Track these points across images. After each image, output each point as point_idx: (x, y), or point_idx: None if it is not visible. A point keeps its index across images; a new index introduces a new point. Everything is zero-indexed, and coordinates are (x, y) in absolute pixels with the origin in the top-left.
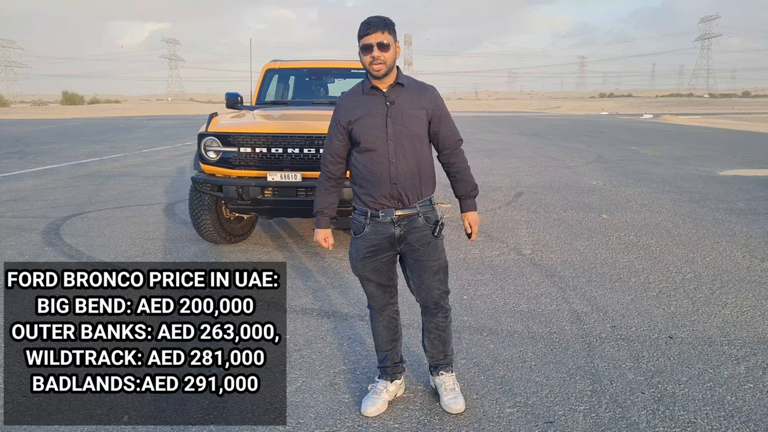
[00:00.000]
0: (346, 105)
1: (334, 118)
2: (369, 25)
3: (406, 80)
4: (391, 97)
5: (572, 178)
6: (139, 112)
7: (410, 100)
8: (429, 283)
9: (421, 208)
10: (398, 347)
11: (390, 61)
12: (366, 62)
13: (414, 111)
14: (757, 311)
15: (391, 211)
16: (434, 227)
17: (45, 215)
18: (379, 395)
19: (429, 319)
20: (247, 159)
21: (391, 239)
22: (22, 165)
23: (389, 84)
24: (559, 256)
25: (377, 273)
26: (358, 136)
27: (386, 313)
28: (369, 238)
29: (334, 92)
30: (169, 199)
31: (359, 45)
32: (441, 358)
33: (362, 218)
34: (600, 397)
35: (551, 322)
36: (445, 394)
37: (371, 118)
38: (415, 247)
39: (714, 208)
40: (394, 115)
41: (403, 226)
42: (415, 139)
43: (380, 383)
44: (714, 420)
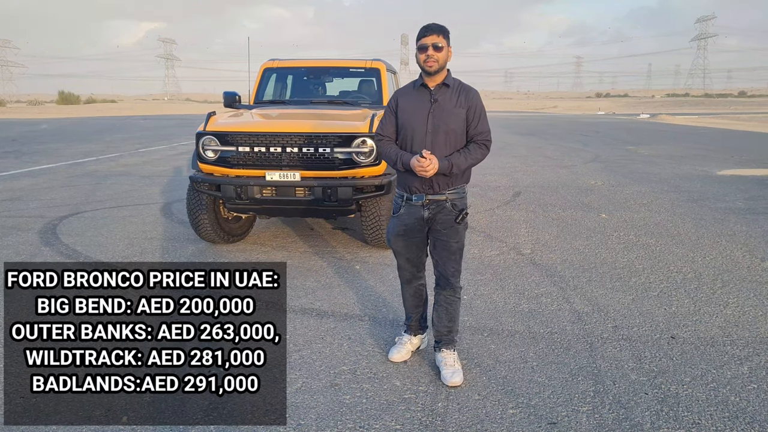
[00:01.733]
0: (400, 95)
1: (388, 106)
2: (427, 29)
3: (452, 82)
4: (436, 96)
5: (570, 177)
6: (136, 111)
7: (453, 99)
8: (445, 260)
9: (450, 194)
10: (422, 312)
11: (442, 61)
12: (421, 60)
13: (454, 109)
14: (759, 311)
15: (422, 195)
16: (458, 214)
17: (41, 215)
18: (404, 345)
19: (439, 291)
20: (245, 158)
21: (420, 221)
22: (17, 165)
23: (437, 83)
24: (558, 255)
25: (407, 249)
26: (403, 124)
27: (413, 284)
28: (403, 218)
29: (332, 91)
30: (166, 199)
31: (416, 45)
32: (445, 333)
33: (399, 200)
34: (603, 398)
35: (552, 322)
36: (445, 369)
37: (416, 111)
38: (438, 229)
39: (713, 207)
40: (436, 111)
41: (432, 209)
42: (451, 134)
43: (405, 336)
44: (718, 421)
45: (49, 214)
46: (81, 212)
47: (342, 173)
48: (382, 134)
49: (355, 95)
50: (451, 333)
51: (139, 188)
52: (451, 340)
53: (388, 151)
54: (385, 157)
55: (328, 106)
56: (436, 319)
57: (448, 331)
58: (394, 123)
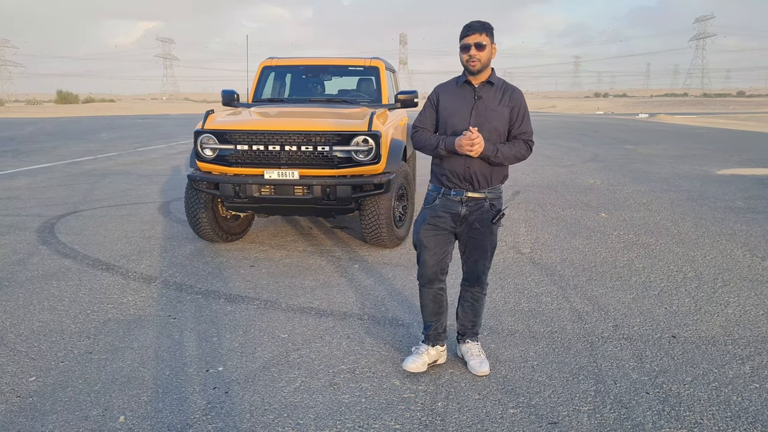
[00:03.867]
0: (441, 90)
1: (428, 101)
2: (470, 27)
3: (496, 80)
4: (480, 93)
5: (569, 176)
6: (134, 111)
7: (496, 98)
8: (477, 259)
9: (489, 193)
10: (443, 320)
11: (485, 60)
12: (464, 59)
13: (498, 107)
14: (760, 310)
15: (462, 191)
16: (495, 214)
17: (39, 214)
18: (420, 355)
19: (467, 287)
20: (243, 156)
21: (455, 216)
22: (15, 163)
23: (481, 81)
24: (558, 254)
25: (435, 242)
26: (444, 120)
27: (434, 287)
28: (436, 208)
29: (331, 90)
30: (164, 198)
31: (460, 44)
32: (470, 327)
33: (434, 194)
34: (604, 398)
35: (552, 321)
36: (472, 359)
37: (458, 108)
38: (475, 227)
39: (713, 206)
40: (479, 108)
41: (470, 206)
42: (494, 132)
43: (422, 346)
44: (720, 420)
45: (46, 212)
46: (79, 211)
47: (341, 172)
48: (420, 126)
49: (354, 94)
50: (476, 326)
51: (137, 187)
52: (476, 333)
53: (428, 138)
54: (423, 143)
55: (327, 105)
56: (461, 314)
57: (472, 324)
58: (434, 117)
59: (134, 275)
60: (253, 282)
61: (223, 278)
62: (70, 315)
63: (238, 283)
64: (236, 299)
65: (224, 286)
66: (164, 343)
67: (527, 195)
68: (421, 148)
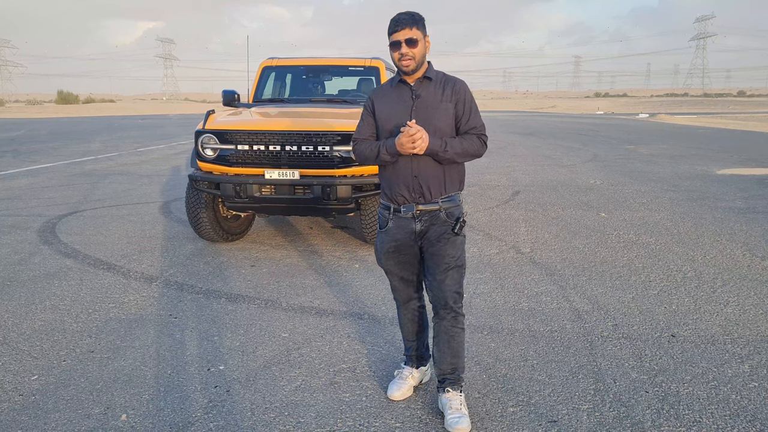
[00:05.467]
0: (376, 96)
1: (365, 109)
2: (397, 22)
3: (434, 74)
4: (418, 91)
5: (569, 176)
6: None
7: (437, 93)
8: (441, 280)
9: (444, 203)
10: (424, 338)
11: (419, 57)
12: (395, 59)
13: (440, 105)
14: (760, 309)
15: (412, 206)
16: (455, 224)
17: (40, 214)
18: (405, 380)
19: (438, 321)
20: (244, 156)
21: (412, 234)
22: (16, 164)
23: (417, 78)
24: (558, 254)
25: (400, 267)
26: (382, 127)
27: (411, 307)
28: (392, 232)
29: (331, 90)
30: (164, 198)
31: (389, 41)
32: (449, 371)
33: (386, 212)
34: (603, 396)
35: (552, 320)
36: (449, 414)
37: (396, 111)
38: (432, 242)
39: (712, 206)
40: (419, 108)
41: (424, 221)
42: (439, 133)
43: (406, 369)
44: (719, 419)
45: (47, 213)
46: (80, 211)
47: (341, 171)
48: (358, 137)
49: (354, 94)
50: (456, 371)
51: (137, 187)
52: (457, 379)
53: (368, 148)
54: (364, 155)
55: (327, 105)
56: (437, 355)
57: (452, 369)
58: (372, 125)
59: (135, 275)
60: (253, 281)
61: (224, 278)
62: (71, 314)
63: (239, 283)
64: (237, 298)
65: (225, 285)
66: (165, 342)
67: (527, 195)
68: (364, 160)
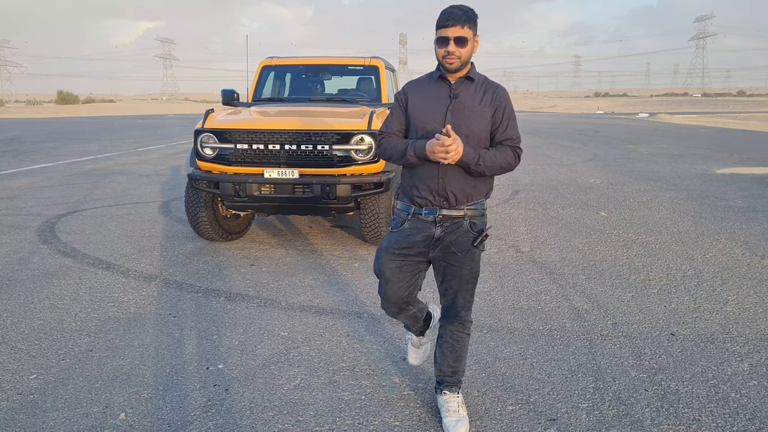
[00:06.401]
0: (411, 90)
1: (396, 101)
2: (450, 16)
3: (477, 76)
4: (457, 91)
5: (569, 175)
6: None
7: (477, 96)
8: (457, 290)
9: (469, 210)
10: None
11: (465, 57)
12: (439, 55)
13: (478, 108)
14: (759, 308)
15: (435, 209)
16: (477, 236)
17: (39, 213)
18: (422, 347)
19: (445, 325)
20: (243, 155)
21: (428, 239)
22: (15, 163)
23: (459, 77)
24: (558, 253)
25: (398, 275)
26: (414, 123)
27: (403, 316)
28: (406, 233)
29: (330, 89)
30: (164, 197)
31: (436, 35)
32: (449, 374)
33: (404, 214)
34: (603, 395)
35: (551, 319)
36: (447, 416)
37: (431, 108)
38: (451, 251)
39: (712, 205)
40: (456, 108)
41: (446, 227)
42: (473, 138)
43: (418, 339)
44: (719, 417)
45: (47, 212)
46: (79, 210)
47: (341, 170)
48: (386, 131)
49: (353, 93)
50: (456, 374)
51: (137, 187)
52: (457, 382)
53: (394, 144)
54: (390, 151)
55: (326, 104)
56: (440, 358)
57: (452, 372)
58: (402, 120)
59: (134, 274)
60: (253, 280)
61: (223, 277)
62: (70, 313)
63: (238, 282)
64: (236, 297)
65: (224, 284)
66: (164, 341)
67: (527, 194)
68: (388, 157)
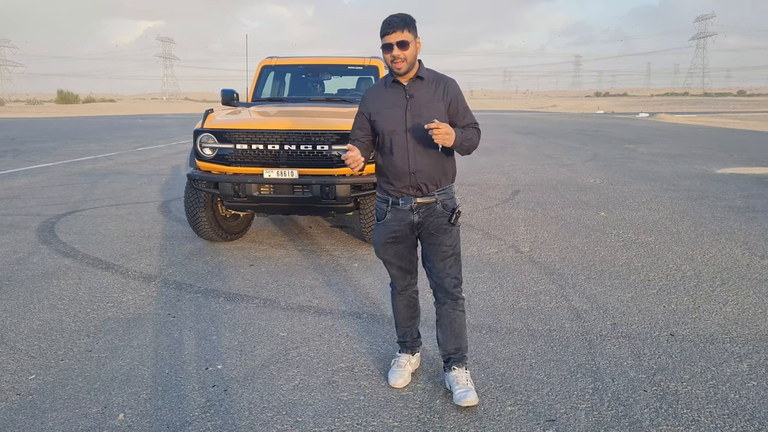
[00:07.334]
0: (370, 97)
1: (359, 110)
2: (389, 24)
3: (426, 73)
4: (411, 91)
5: (569, 175)
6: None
7: (429, 92)
8: (440, 268)
9: (440, 196)
10: (416, 324)
11: (410, 58)
12: (387, 60)
13: (432, 103)
14: (759, 308)
15: (410, 198)
16: (450, 215)
17: (39, 213)
18: (403, 368)
19: (439, 306)
20: (243, 156)
21: (410, 225)
22: (15, 163)
23: (410, 78)
24: (557, 253)
25: (398, 257)
26: (379, 128)
27: (407, 293)
28: (390, 224)
29: (330, 89)
30: (164, 197)
31: (381, 44)
32: (453, 351)
33: (384, 205)
34: (602, 395)
35: (551, 319)
36: (457, 388)
37: (392, 111)
38: (431, 232)
39: (712, 205)
40: (413, 107)
41: (422, 213)
42: None
43: (402, 357)
44: (718, 418)
45: (46, 212)
46: (79, 210)
47: (340, 171)
48: (352, 137)
49: (353, 93)
50: (460, 350)
51: (137, 186)
52: (461, 358)
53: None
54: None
55: (326, 104)
56: (442, 338)
57: (456, 349)
58: (366, 126)
59: (134, 274)
60: (252, 281)
61: (223, 277)
62: (69, 313)
63: (238, 282)
64: (235, 298)
65: (223, 284)
66: (164, 341)
67: (527, 194)
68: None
